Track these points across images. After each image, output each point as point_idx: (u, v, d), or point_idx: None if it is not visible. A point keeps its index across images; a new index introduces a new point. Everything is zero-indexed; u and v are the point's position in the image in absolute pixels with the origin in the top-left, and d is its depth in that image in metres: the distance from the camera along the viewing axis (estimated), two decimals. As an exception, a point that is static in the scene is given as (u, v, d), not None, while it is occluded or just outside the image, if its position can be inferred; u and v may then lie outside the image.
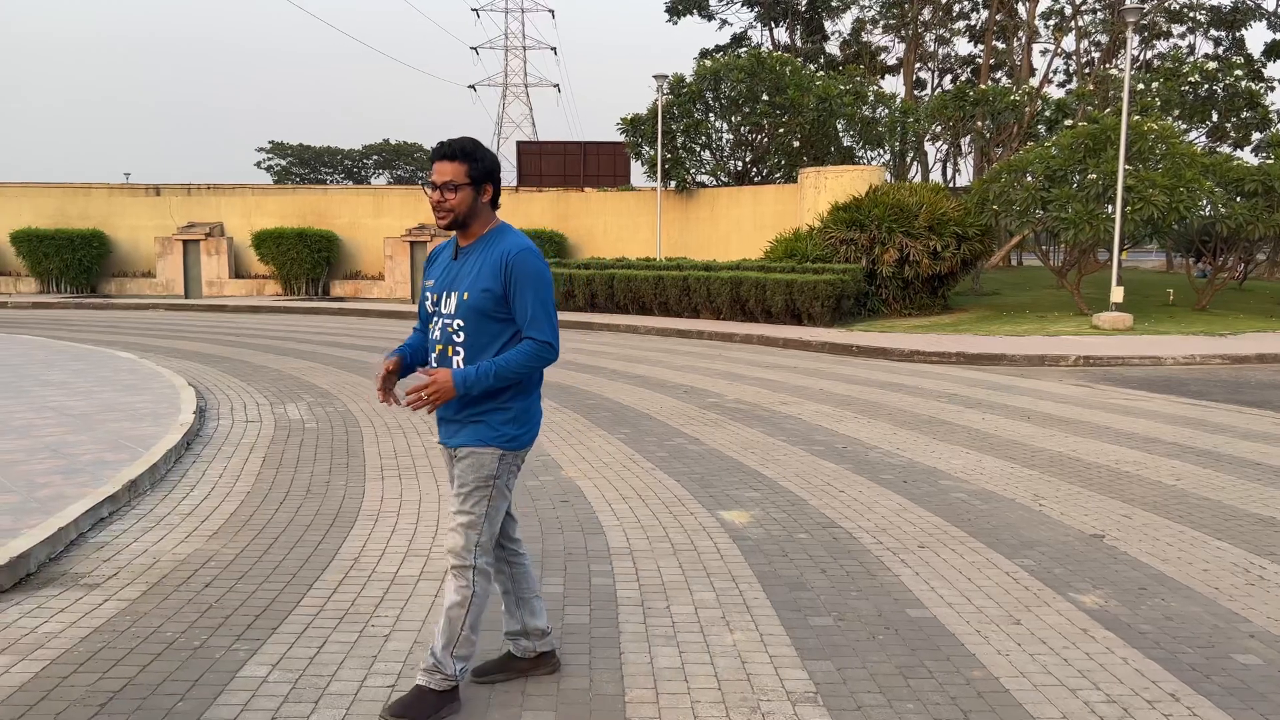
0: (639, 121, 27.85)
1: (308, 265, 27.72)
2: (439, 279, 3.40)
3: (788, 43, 41.46)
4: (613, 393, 10.66)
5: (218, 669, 3.67)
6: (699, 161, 28.99)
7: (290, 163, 65.91)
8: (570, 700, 3.43)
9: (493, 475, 3.30)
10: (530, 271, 3.25)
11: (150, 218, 29.38)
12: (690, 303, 20.23)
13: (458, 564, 3.30)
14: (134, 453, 6.88)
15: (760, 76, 26.94)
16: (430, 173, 3.30)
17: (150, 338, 16.96)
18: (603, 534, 5.44)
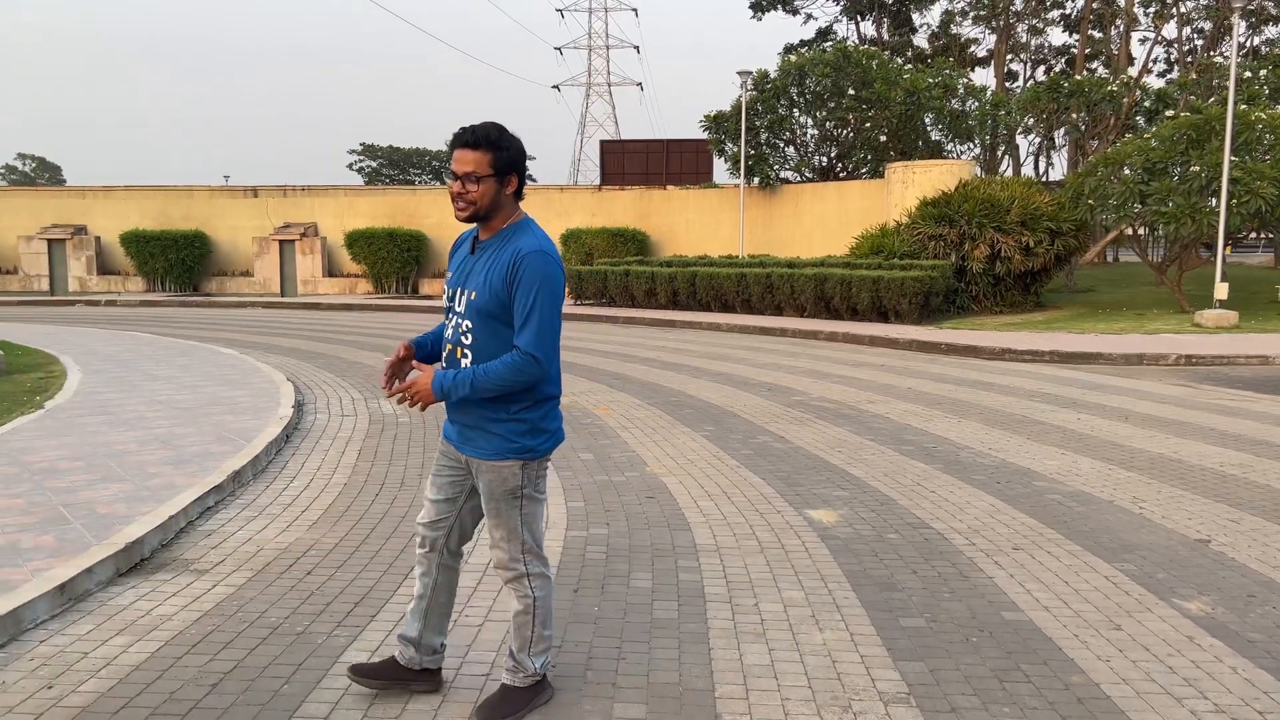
0: (722, 118, 27.76)
1: (398, 264, 28.36)
2: (455, 274, 3.24)
3: (874, 36, 40.85)
4: (696, 390, 10.67)
5: (320, 654, 3.81)
6: (783, 158, 28.79)
7: (381, 164, 67.50)
8: (660, 694, 3.46)
9: (519, 486, 3.19)
10: (537, 274, 3.02)
11: (248, 218, 30.41)
12: (773, 300, 20.10)
13: (510, 575, 3.26)
14: (237, 445, 7.15)
15: (846, 71, 26.61)
16: (450, 161, 3.09)
17: (249, 334, 17.57)
18: (689, 530, 5.46)
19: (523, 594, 3.27)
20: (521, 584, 3.26)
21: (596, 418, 8.97)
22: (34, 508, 5.43)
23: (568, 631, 4.02)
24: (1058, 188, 22.22)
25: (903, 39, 40.73)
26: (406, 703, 3.38)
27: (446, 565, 3.41)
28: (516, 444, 3.15)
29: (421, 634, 3.41)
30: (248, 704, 3.38)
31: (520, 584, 3.26)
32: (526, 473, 3.20)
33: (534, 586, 3.27)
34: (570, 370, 12.33)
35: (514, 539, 3.22)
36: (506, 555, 3.24)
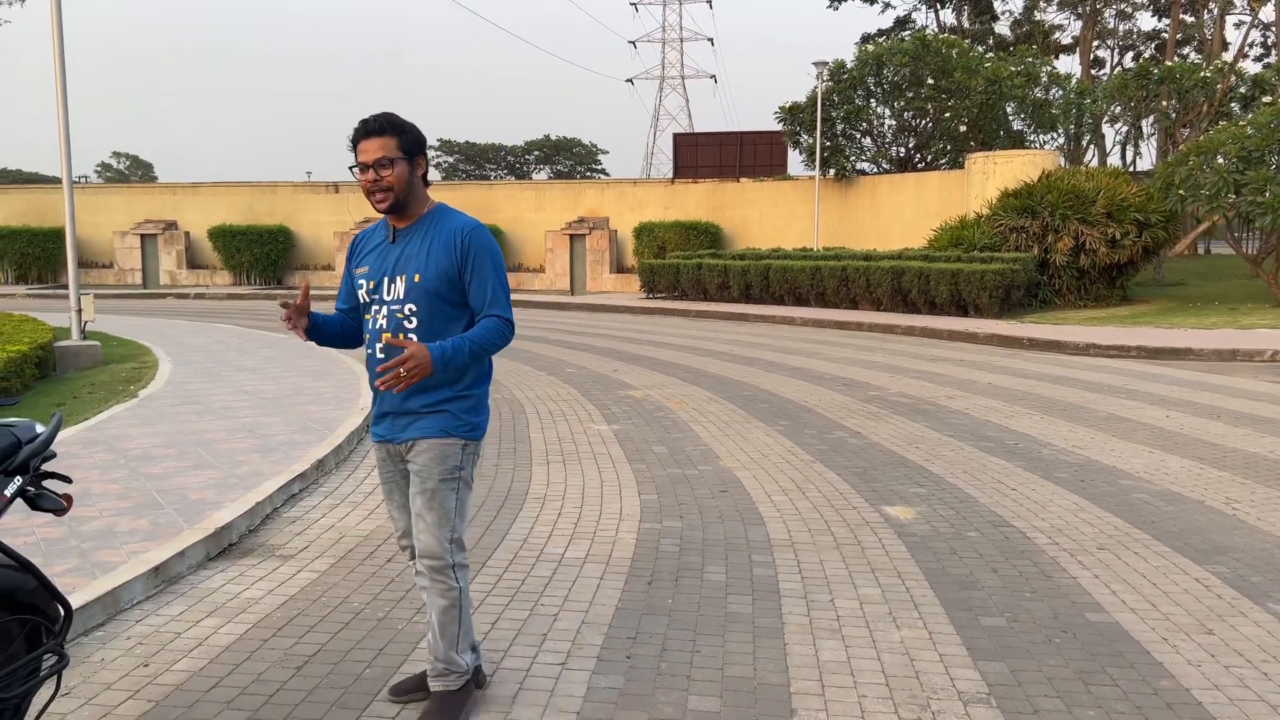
0: (797, 110, 27.50)
1: (473, 258, 28.74)
2: (375, 265, 3.14)
3: (954, 24, 40.00)
4: (770, 384, 10.60)
5: (400, 639, 3.89)
6: (859, 149, 28.40)
7: (457, 159, 68.46)
8: (735, 688, 3.45)
9: (458, 466, 3.11)
10: (488, 249, 3.08)
11: (330, 214, 31.14)
12: (849, 294, 19.86)
13: (434, 565, 3.11)
14: (320, 434, 7.33)
15: (925, 60, 26.12)
16: (356, 156, 3.02)
17: (330, 327, 18.00)
18: (763, 525, 5.43)
19: (449, 587, 3.12)
20: (447, 575, 3.11)
21: (669, 411, 8.98)
22: (130, 492, 5.65)
23: (641, 623, 4.03)
24: (1146, 178, 21.51)
25: (984, 27, 39.80)
26: (489, 679, 3.43)
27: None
28: (464, 421, 3.11)
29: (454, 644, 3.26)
30: (331, 686, 3.47)
31: (446, 575, 3.11)
32: (466, 453, 3.14)
33: (459, 577, 3.15)
34: (642, 363, 12.36)
35: (445, 525, 3.10)
36: (435, 542, 3.09)
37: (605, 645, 3.81)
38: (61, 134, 11.34)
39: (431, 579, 3.12)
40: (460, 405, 3.10)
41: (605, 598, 4.32)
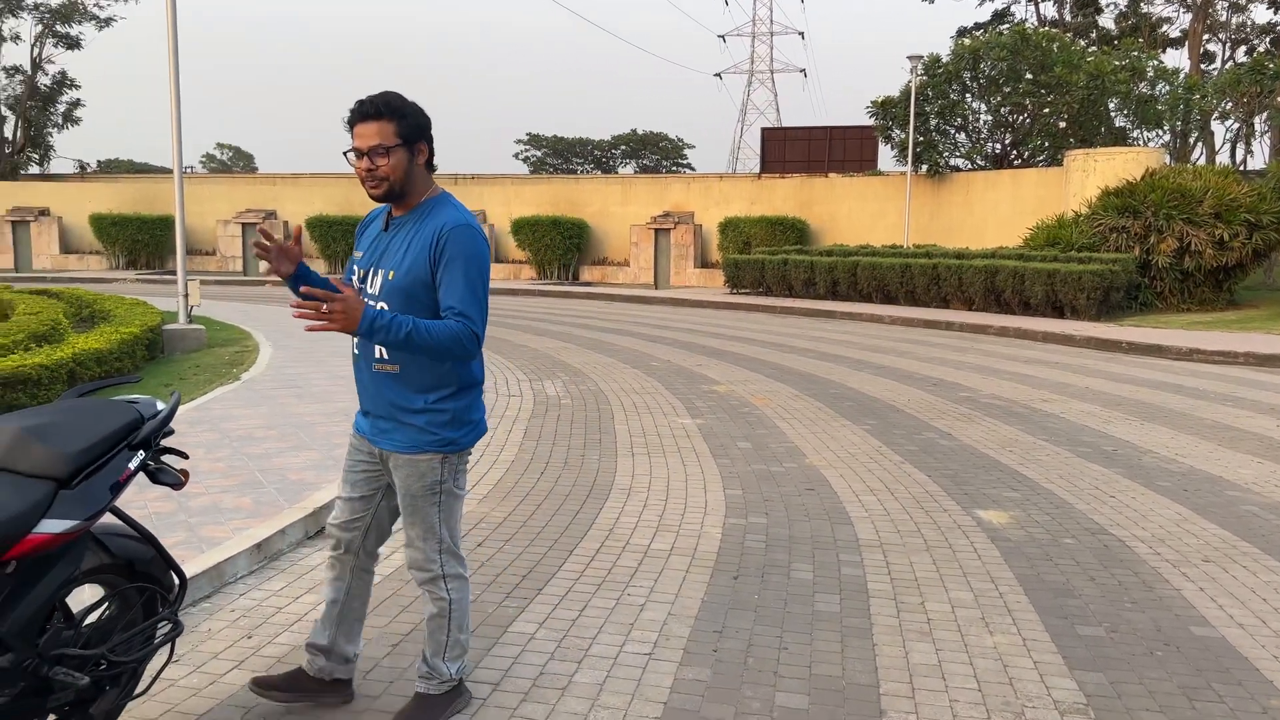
0: (890, 104, 27.04)
1: (560, 251, 29.02)
2: (367, 253, 2.98)
3: (1055, 17, 38.81)
4: (857, 383, 10.47)
5: (490, 623, 3.96)
6: (953, 144, 27.81)
7: (545, 153, 69.12)
8: (823, 686, 3.43)
9: (437, 481, 2.97)
10: (465, 249, 2.82)
11: (421, 205, 31.76)
12: (939, 292, 19.47)
13: (425, 578, 3.04)
14: (412, 420, 7.50)
15: (1024, 54, 25.42)
16: (352, 138, 2.82)
17: (420, 316, 18.39)
18: (850, 525, 5.37)
19: (438, 596, 3.05)
20: (437, 586, 3.04)
21: (754, 407, 8.94)
22: (234, 471, 5.87)
23: (728, 617, 4.03)
24: (1258, 177, 20.57)
25: (1087, 20, 38.50)
26: (578, 665, 3.48)
27: (361, 568, 3.19)
28: (436, 436, 2.93)
29: (334, 642, 3.17)
30: (425, 665, 3.55)
31: (436, 586, 3.04)
32: (446, 466, 2.97)
33: (450, 589, 3.05)
34: (726, 359, 12.33)
35: (430, 538, 3.00)
36: (422, 555, 3.02)
37: (691, 638, 3.82)
38: (174, 128, 11.81)
39: (422, 588, 3.07)
40: (431, 419, 2.92)
41: (691, 591, 4.34)
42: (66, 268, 30.70)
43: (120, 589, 2.81)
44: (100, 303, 13.52)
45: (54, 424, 2.50)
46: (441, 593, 3.05)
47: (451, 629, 3.08)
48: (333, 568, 3.18)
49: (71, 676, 2.50)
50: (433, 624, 3.08)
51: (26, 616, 2.41)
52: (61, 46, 42.76)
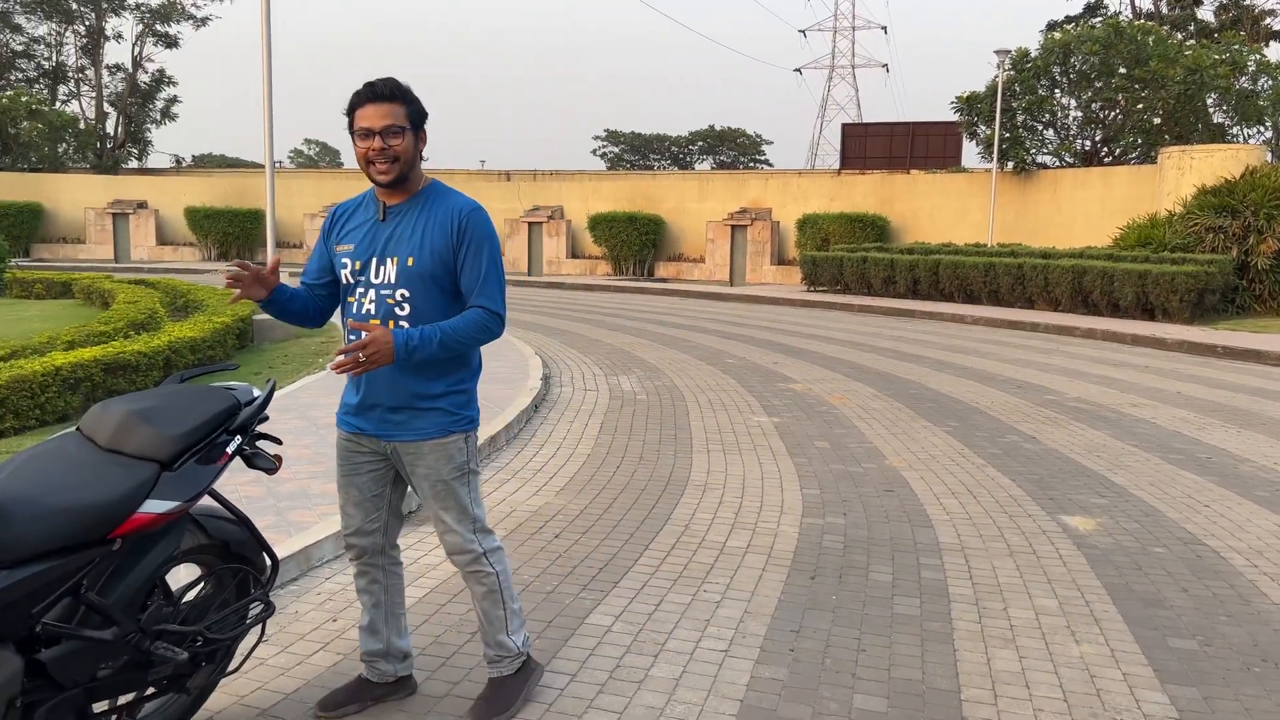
0: (975, 99, 26.46)
1: (636, 247, 29.09)
2: (361, 243, 2.91)
3: (1151, 10, 37.51)
4: (937, 384, 10.28)
5: (567, 614, 4.00)
6: (1040, 141, 27.10)
7: (622, 149, 69.34)
8: (902, 690, 3.38)
9: (465, 461, 3.00)
10: (486, 232, 2.88)
11: (501, 201, 32.15)
12: (1024, 292, 19.00)
13: (468, 559, 3.03)
14: (493, 412, 7.61)
15: (1117, 48, 24.63)
16: (357, 120, 2.79)
17: (499, 310, 18.61)
18: (931, 528, 5.28)
19: (485, 574, 3.05)
20: (481, 564, 3.05)
21: (832, 406, 8.84)
22: (319, 458, 6.03)
23: (805, 617, 4.00)
24: (1369, 175, 19.56)
25: (1184, 12, 37.11)
26: (654, 659, 3.49)
27: (390, 566, 3.18)
28: (459, 416, 2.97)
29: (388, 642, 3.18)
30: (503, 654, 3.60)
31: (480, 565, 3.04)
32: (469, 445, 3.02)
33: (493, 562, 3.07)
34: (803, 357, 12.22)
35: (465, 519, 3.01)
36: (460, 539, 3.01)
37: (768, 636, 3.80)
38: (266, 124, 12.17)
39: (468, 574, 3.06)
40: (455, 401, 2.96)
41: (767, 589, 4.32)
42: (162, 259, 31.85)
43: (216, 569, 2.91)
44: (194, 293, 14.01)
45: (158, 408, 2.60)
46: (487, 569, 3.06)
47: (505, 601, 3.10)
48: (363, 575, 3.15)
49: (171, 651, 2.60)
50: (486, 604, 3.08)
51: (131, 592, 2.52)
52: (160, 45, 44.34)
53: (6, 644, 2.22)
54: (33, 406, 6.73)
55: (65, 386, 7.02)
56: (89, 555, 2.36)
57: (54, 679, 2.36)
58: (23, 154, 37.31)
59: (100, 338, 8.99)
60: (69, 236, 32.49)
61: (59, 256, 31.59)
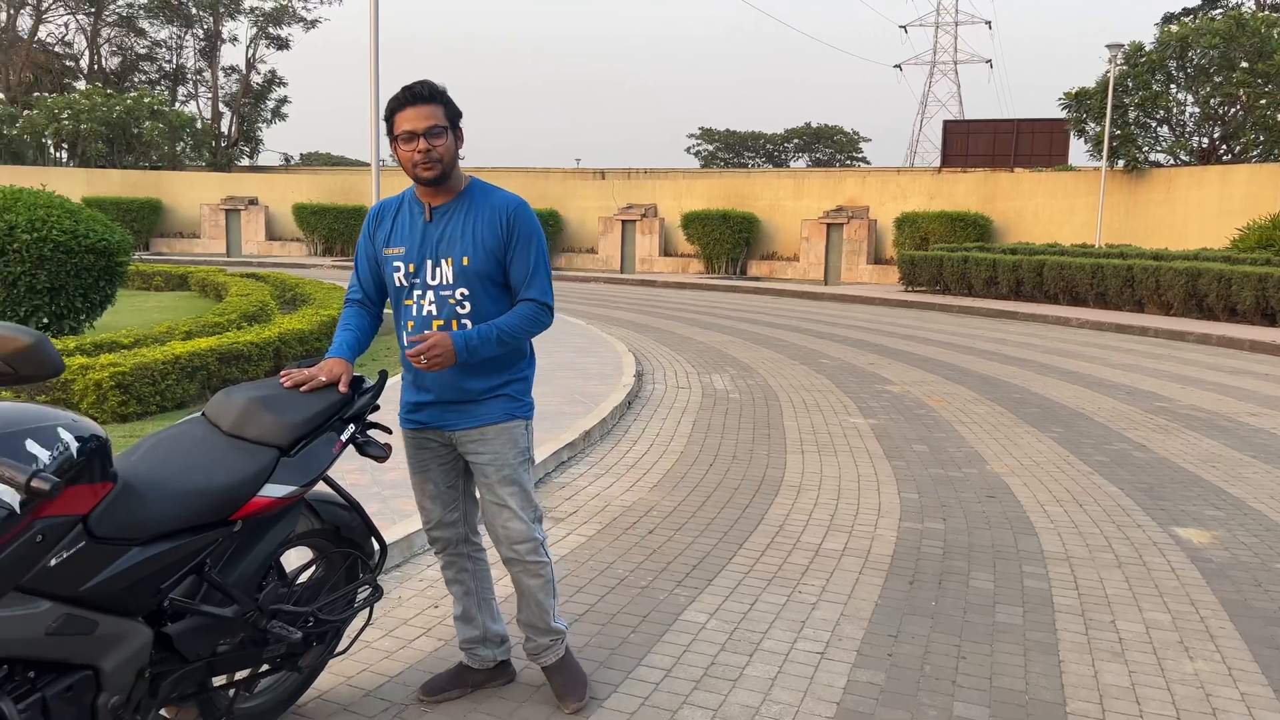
0: (1084, 95, 25.60)
1: (729, 245, 28.99)
2: (413, 245, 2.93)
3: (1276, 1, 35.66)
4: (1041, 388, 9.98)
5: (662, 609, 4.02)
6: (1153, 138, 26.04)
7: (717, 147, 69.17)
8: (1004, 699, 3.30)
9: (527, 447, 3.07)
10: (534, 227, 2.94)
11: (595, 199, 32.43)
12: (1133, 295, 18.30)
13: (528, 549, 3.04)
14: (587, 407, 7.69)
15: (1239, 41, 23.52)
16: (398, 124, 2.82)
17: (593, 307, 18.78)
18: (1034, 535, 5.14)
19: (542, 565, 3.08)
20: (538, 554, 3.07)
21: (930, 409, 8.67)
22: (420, 449, 6.17)
23: (903, 622, 3.94)
24: None
25: (1314, 1, 35.18)
26: (749, 658, 3.49)
27: (475, 554, 3.23)
28: (522, 402, 3.05)
29: (485, 627, 3.25)
30: (600, 646, 3.65)
31: (537, 554, 3.06)
32: (529, 431, 3.08)
33: (547, 553, 3.12)
34: (900, 358, 12.01)
35: (529, 506, 3.04)
36: (525, 526, 3.03)
37: (865, 640, 3.76)
38: (373, 124, 12.51)
39: (525, 563, 3.06)
40: (518, 387, 3.04)
41: (864, 593, 4.26)
42: (271, 253, 33.05)
43: (327, 553, 3.02)
44: (301, 286, 14.50)
45: (278, 396, 2.71)
46: (544, 558, 3.09)
47: (554, 590, 3.16)
48: (450, 566, 3.21)
49: (286, 630, 2.70)
50: (541, 595, 3.11)
51: (249, 573, 2.63)
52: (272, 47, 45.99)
53: (137, 617, 2.35)
54: (154, 393, 7.06)
55: (184, 374, 7.34)
56: (212, 535, 2.47)
57: (179, 652, 2.48)
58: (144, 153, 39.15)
59: (215, 328, 9.38)
60: (185, 231, 33.96)
61: (176, 250, 33.06)
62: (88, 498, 2.14)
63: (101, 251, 9.78)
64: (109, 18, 44.98)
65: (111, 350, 8.04)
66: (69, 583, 2.13)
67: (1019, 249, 21.90)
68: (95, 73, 45.45)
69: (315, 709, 3.13)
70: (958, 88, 76.43)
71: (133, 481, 2.30)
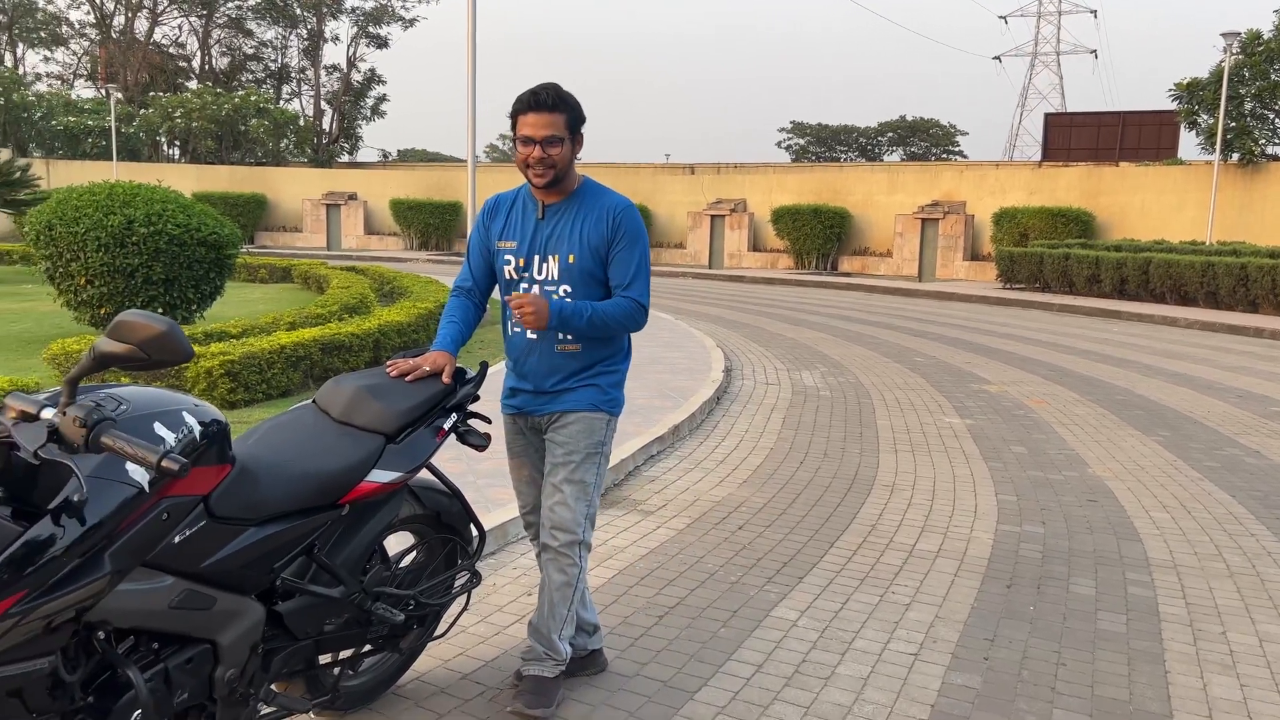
0: (1197, 86, 24.55)
1: (819, 240, 28.67)
2: (524, 240, 3.03)
3: None
4: (1146, 389, 9.63)
5: (752, 605, 4.01)
6: (1271, 130, 24.81)
7: (808, 141, 68.44)
8: (1106, 709, 3.21)
9: (601, 441, 3.06)
10: (639, 230, 3.00)
11: (684, 194, 32.42)
12: (1247, 295, 17.49)
13: (567, 540, 3.02)
14: (676, 401, 7.71)
15: (1368, 25, 22.22)
16: (520, 126, 2.89)
17: (681, 302, 18.79)
18: (1139, 541, 4.97)
19: (571, 564, 3.04)
20: (573, 551, 3.04)
21: (1030, 410, 8.44)
22: (513, 440, 6.28)
23: (1000, 626, 3.86)
24: None
25: None
26: (841, 657, 3.46)
27: None
28: (609, 396, 3.08)
29: (579, 616, 3.24)
30: (689, 640, 3.66)
31: (572, 551, 3.03)
32: (609, 429, 3.09)
33: (581, 557, 3.06)
34: (997, 357, 11.72)
35: (582, 499, 3.03)
36: (571, 515, 3.01)
37: (960, 643, 3.69)
38: (470, 121, 12.75)
39: (557, 553, 3.03)
40: (608, 380, 3.08)
41: (959, 595, 4.19)
42: (369, 247, 33.94)
43: (428, 538, 3.10)
44: (399, 280, 14.87)
45: (386, 385, 2.80)
46: (574, 559, 3.05)
47: (574, 602, 3.07)
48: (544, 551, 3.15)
49: (390, 612, 2.79)
50: (558, 595, 3.05)
51: (355, 555, 2.72)
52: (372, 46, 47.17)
53: (251, 595, 2.45)
54: (260, 381, 7.34)
55: (288, 364, 7.61)
56: (322, 518, 2.57)
57: (289, 630, 2.59)
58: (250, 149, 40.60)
59: (318, 319, 9.69)
60: (288, 225, 35.11)
61: (279, 244, 34.21)
62: (209, 479, 2.24)
63: (212, 244, 10.19)
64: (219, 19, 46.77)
65: (221, 340, 8.38)
66: (190, 559, 2.24)
67: (1124, 246, 21.14)
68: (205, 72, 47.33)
69: (414, 690, 3.22)
70: (1060, 79, 73.92)
71: (249, 464, 2.40)
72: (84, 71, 49.44)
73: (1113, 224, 26.15)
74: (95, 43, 47.13)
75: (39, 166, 34.29)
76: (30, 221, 10.05)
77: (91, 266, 9.67)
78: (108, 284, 9.74)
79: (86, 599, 1.99)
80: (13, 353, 9.20)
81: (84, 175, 34.46)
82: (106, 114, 38.44)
